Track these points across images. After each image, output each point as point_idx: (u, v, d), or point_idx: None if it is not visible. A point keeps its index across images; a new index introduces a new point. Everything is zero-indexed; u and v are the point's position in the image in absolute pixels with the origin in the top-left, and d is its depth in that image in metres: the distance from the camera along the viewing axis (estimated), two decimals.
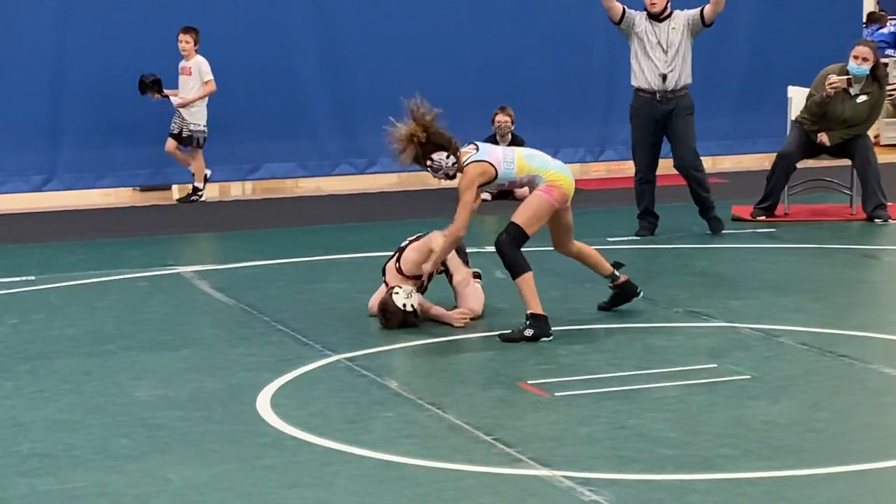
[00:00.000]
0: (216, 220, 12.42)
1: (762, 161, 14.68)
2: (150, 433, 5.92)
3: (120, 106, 13.72)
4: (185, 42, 13.46)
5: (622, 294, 8.05)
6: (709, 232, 10.70)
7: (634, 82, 10.74)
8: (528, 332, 7.37)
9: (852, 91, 11.47)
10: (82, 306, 8.71)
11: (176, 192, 14.29)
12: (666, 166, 16.15)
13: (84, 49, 13.63)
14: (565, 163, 16.55)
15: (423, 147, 7.48)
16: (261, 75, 14.16)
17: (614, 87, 15.34)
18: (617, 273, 8.03)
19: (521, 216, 7.53)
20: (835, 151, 11.66)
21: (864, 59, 11.42)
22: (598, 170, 15.94)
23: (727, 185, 14.25)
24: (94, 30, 13.64)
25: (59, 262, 10.40)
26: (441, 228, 8.07)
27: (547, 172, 7.65)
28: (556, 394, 6.37)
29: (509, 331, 7.46)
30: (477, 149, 7.57)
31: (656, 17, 10.58)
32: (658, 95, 10.64)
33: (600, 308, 8.10)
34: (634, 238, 10.77)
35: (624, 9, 10.58)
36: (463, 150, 7.56)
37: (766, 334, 7.48)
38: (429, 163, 7.47)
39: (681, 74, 10.73)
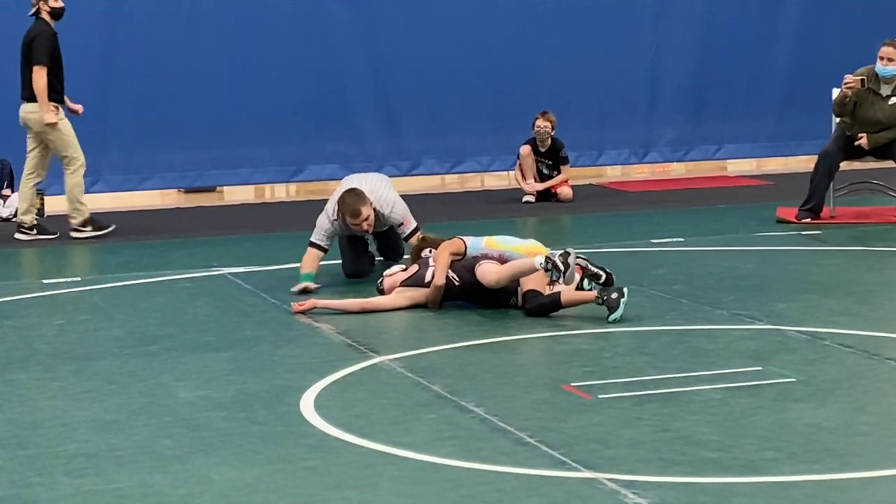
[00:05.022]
0: (260, 222, 12.46)
1: (807, 163, 14.59)
2: (193, 434, 5.94)
3: (166, 108, 13.81)
4: None
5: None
6: None
7: None
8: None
9: (883, 92, 11.38)
10: (127, 307, 8.76)
11: (226, 194, 14.35)
12: (705, 169, 16.13)
13: (131, 52, 13.71)
14: (609, 164, 16.44)
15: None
16: (305, 77, 14.20)
17: (658, 89, 15.32)
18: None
19: (532, 283, 8.19)
20: (877, 153, 11.59)
21: (890, 60, 11.32)
22: (642, 171, 15.92)
23: (772, 187, 14.21)
24: (141, 32, 13.72)
25: (105, 263, 10.46)
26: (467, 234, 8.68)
27: (517, 248, 8.49)
28: (600, 396, 6.36)
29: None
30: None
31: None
32: None
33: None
34: (679, 240, 10.73)
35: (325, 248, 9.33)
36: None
37: (812, 337, 7.44)
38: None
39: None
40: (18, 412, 6.36)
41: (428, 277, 8.41)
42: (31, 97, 11.73)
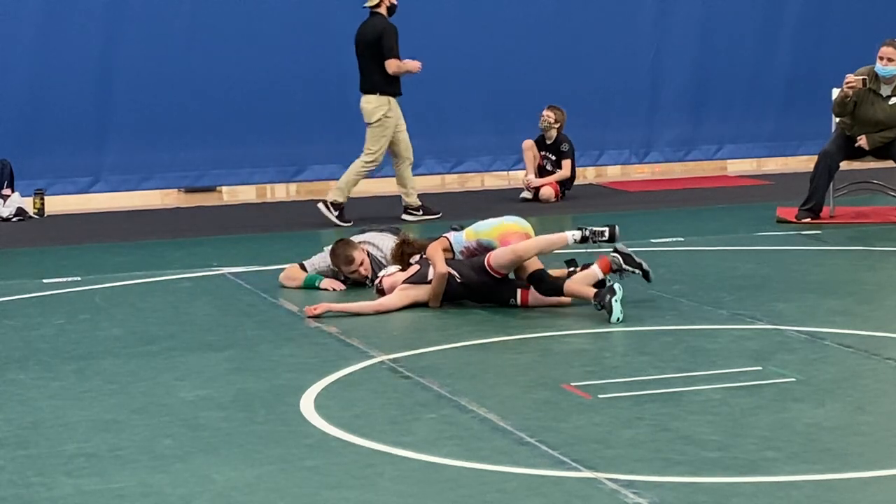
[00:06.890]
0: (260, 222, 12.47)
1: (807, 163, 14.61)
2: (194, 433, 5.95)
3: (165, 108, 13.81)
4: None
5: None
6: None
7: None
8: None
9: (883, 92, 11.38)
10: (127, 307, 8.76)
11: (226, 194, 14.34)
12: (705, 169, 16.11)
13: (130, 52, 13.71)
14: (611, 164, 16.41)
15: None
16: (306, 77, 14.20)
17: (658, 89, 15.33)
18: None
19: (535, 266, 8.31)
20: (877, 154, 11.60)
21: (890, 60, 11.32)
22: (642, 171, 15.92)
23: (772, 186, 14.21)
24: (141, 32, 13.72)
25: (105, 262, 10.46)
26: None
27: (491, 232, 8.48)
28: (600, 396, 6.36)
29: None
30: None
31: None
32: None
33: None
34: (679, 240, 10.74)
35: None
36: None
37: (812, 337, 7.45)
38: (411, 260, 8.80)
39: None
40: (18, 412, 6.36)
41: (430, 275, 8.43)
42: (370, 89, 12.15)
